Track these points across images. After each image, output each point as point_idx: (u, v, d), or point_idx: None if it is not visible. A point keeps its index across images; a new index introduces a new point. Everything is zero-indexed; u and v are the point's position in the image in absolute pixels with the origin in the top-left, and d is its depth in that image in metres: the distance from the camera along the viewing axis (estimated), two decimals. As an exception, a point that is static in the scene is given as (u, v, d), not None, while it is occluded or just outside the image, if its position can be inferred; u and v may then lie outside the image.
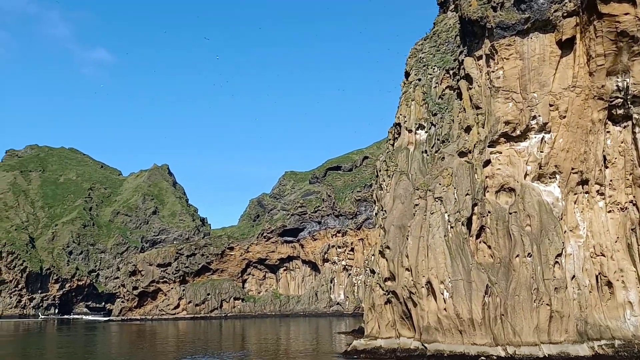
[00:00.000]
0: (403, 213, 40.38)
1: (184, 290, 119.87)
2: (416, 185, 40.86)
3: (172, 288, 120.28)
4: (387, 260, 39.75)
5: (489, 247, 36.84)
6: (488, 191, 38.32)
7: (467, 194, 36.93)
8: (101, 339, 77.63)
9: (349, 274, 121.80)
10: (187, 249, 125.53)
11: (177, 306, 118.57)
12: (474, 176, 37.66)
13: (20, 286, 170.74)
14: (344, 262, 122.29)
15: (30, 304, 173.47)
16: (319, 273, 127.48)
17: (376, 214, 66.38)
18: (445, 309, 33.82)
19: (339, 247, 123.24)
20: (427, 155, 43.02)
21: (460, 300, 33.39)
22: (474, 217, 37.18)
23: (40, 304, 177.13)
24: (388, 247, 39.96)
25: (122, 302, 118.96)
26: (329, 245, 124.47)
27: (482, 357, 30.80)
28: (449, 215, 36.19)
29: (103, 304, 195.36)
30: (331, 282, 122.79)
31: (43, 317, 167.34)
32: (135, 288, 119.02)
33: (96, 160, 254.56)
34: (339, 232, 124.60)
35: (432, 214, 36.41)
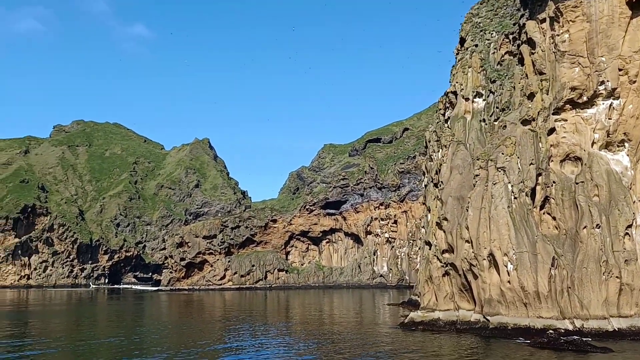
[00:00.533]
0: (461, 184, 39.36)
1: (229, 261, 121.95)
2: (475, 155, 39.65)
3: (217, 259, 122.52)
4: (444, 232, 38.97)
5: (554, 218, 35.58)
6: (552, 160, 36.85)
7: (531, 164, 35.59)
8: (152, 307, 79.89)
9: (392, 247, 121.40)
10: (231, 221, 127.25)
11: (223, 277, 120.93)
12: (538, 145, 36.22)
13: (71, 257, 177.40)
14: (387, 235, 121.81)
15: (81, 274, 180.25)
16: (361, 245, 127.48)
17: (425, 185, 65.28)
18: (509, 282, 32.98)
19: (382, 219, 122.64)
20: (486, 124, 41.60)
21: (525, 273, 32.46)
22: (538, 188, 35.89)
23: (91, 274, 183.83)
24: (446, 219, 39.13)
25: (171, 272, 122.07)
26: (371, 217, 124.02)
27: (550, 331, 29.95)
28: (512, 186, 34.99)
29: (150, 274, 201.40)
30: (374, 254, 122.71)
31: (94, 286, 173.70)
32: (182, 259, 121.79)
33: (139, 135, 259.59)
34: (381, 204, 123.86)
35: (494, 184, 35.29)
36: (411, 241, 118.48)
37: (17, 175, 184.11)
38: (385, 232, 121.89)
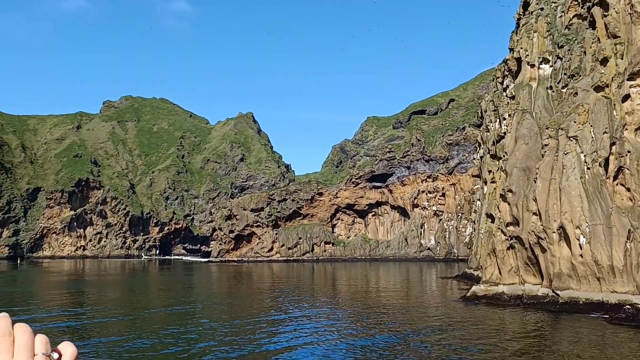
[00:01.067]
0: (527, 154, 37.93)
1: (276, 234, 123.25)
2: (543, 124, 38.05)
3: (265, 232, 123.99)
4: (509, 204, 37.79)
5: (628, 189, 33.88)
6: (626, 129, 34.94)
7: (605, 132, 33.85)
8: (203, 277, 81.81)
9: (440, 220, 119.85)
10: (278, 194, 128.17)
11: (271, 249, 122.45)
12: (612, 113, 34.36)
13: (124, 229, 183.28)
14: (434, 208, 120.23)
15: (133, 245, 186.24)
16: (407, 218, 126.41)
17: (481, 157, 63.63)
18: (581, 255, 31.75)
19: (429, 192, 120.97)
20: (553, 91, 39.77)
21: (599, 246, 31.16)
22: (611, 158, 34.17)
23: (143, 245, 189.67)
24: (511, 191, 37.89)
25: (220, 244, 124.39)
26: (418, 190, 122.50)
27: (627, 306, 28.75)
28: (585, 156, 33.42)
29: (198, 245, 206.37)
30: (421, 227, 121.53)
31: (146, 257, 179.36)
32: (231, 231, 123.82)
33: (185, 110, 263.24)
34: (429, 177, 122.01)
35: (565, 154, 33.77)
36: (460, 214, 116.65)
37: (71, 150, 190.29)
38: (433, 205, 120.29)
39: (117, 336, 27.26)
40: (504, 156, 39.83)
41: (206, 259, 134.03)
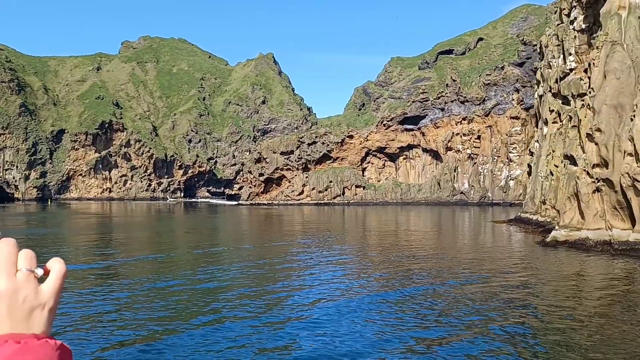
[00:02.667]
0: (619, 90, 34.82)
1: (307, 177, 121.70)
2: (637, 56, 34.73)
3: (295, 175, 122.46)
4: (597, 144, 35.06)
5: None
6: None
7: None
8: (234, 219, 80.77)
9: (474, 163, 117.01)
10: (308, 137, 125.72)
11: (301, 192, 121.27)
12: None
13: (148, 171, 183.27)
14: (469, 151, 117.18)
15: (158, 188, 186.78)
16: (440, 162, 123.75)
17: (541, 95, 60.21)
18: (686, 199, 29.36)
19: (464, 134, 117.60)
20: (647, 21, 36.13)
21: None
22: None
23: (168, 188, 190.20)
24: (599, 130, 35.06)
25: (250, 187, 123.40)
26: (452, 133, 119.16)
27: None
28: (695, 91, 30.39)
29: (222, 188, 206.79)
30: (454, 170, 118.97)
31: (172, 200, 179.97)
32: (261, 175, 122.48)
33: (204, 51, 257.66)
34: (464, 119, 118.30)
35: (671, 89, 30.77)
36: (495, 157, 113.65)
37: (93, 92, 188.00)
38: (467, 148, 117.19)
39: (148, 279, 26.18)
40: (589, 92, 36.73)
41: (235, 202, 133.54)
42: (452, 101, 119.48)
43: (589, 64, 36.66)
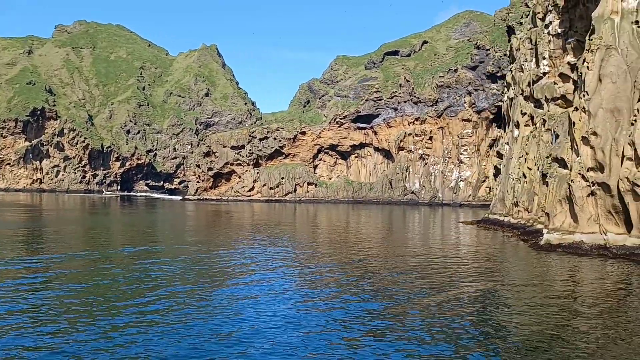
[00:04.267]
0: (615, 94, 34.86)
1: (258, 173, 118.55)
2: (631, 61, 34.88)
3: (246, 170, 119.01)
4: (593, 148, 34.96)
5: None
6: None
7: None
8: (186, 215, 77.00)
9: (426, 163, 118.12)
10: (259, 132, 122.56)
11: (252, 188, 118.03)
12: None
13: (83, 162, 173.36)
14: (420, 151, 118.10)
15: (94, 180, 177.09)
16: (391, 161, 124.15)
17: (511, 98, 60.64)
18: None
19: (416, 135, 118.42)
20: (639, 27, 36.44)
21: None
22: None
23: (103, 181, 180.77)
24: (595, 134, 34.98)
25: (198, 182, 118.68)
26: (405, 133, 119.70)
27: None
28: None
29: (161, 182, 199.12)
30: (406, 170, 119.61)
31: (108, 192, 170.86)
32: (210, 169, 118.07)
33: (143, 39, 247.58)
34: (416, 119, 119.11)
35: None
36: (447, 158, 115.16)
37: (23, 77, 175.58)
38: (419, 148, 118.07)
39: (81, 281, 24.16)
40: (583, 96, 36.62)
41: (180, 197, 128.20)
42: (405, 101, 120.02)
43: (586, 67, 36.50)
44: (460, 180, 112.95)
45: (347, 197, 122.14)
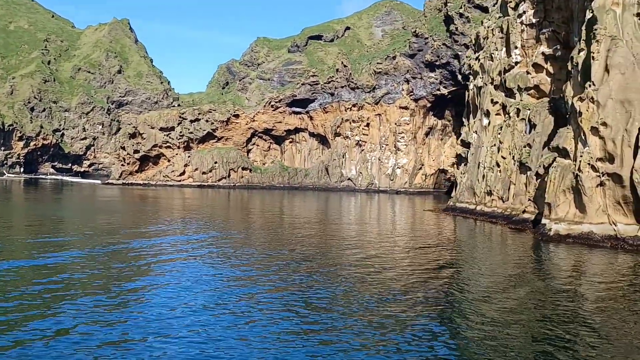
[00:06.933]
0: (624, 85, 34.95)
1: (189, 156, 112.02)
2: (637, 53, 35.12)
3: (176, 154, 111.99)
4: (603, 138, 34.91)
5: None
6: None
7: None
8: (107, 201, 70.73)
9: (362, 150, 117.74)
10: (190, 113, 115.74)
11: (183, 173, 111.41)
12: None
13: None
14: (357, 137, 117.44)
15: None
16: (326, 147, 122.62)
17: (480, 87, 60.55)
18: None
19: (353, 121, 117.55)
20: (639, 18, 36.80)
21: None
22: None
23: (4, 162, 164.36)
24: (605, 124, 34.92)
25: (122, 165, 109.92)
26: (342, 118, 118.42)
27: None
28: None
29: (70, 165, 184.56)
30: (343, 157, 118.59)
31: (10, 175, 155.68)
32: (136, 152, 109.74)
33: (46, 9, 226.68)
34: (354, 105, 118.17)
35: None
36: (384, 145, 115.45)
37: None
38: (356, 134, 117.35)
39: None
40: (589, 86, 36.45)
41: (104, 182, 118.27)
42: (342, 87, 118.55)
43: (592, 57, 36.29)
44: (397, 168, 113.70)
45: (283, 183, 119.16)
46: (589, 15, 39.28)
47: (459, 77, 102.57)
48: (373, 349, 13.86)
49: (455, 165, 65.53)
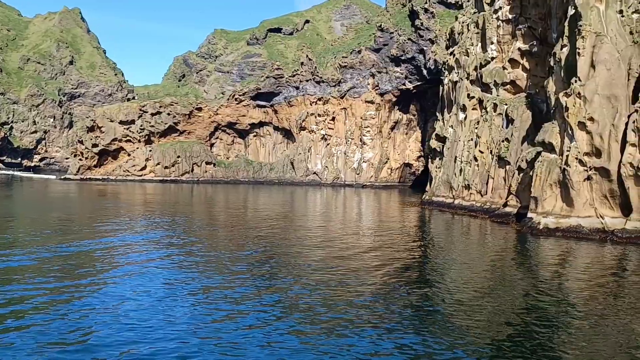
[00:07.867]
0: (610, 81, 35.55)
1: (150, 150, 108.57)
2: (621, 49, 35.78)
3: (137, 148, 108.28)
4: (590, 133, 35.41)
5: None
6: None
7: None
8: (64, 197, 67.80)
9: (328, 144, 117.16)
10: (151, 106, 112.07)
11: (144, 167, 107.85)
12: None
13: None
14: (322, 132, 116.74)
15: None
16: (291, 141, 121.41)
17: (456, 82, 60.80)
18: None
19: (319, 115, 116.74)
20: (623, 16, 37.52)
21: None
22: None
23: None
24: (592, 119, 35.43)
25: (80, 160, 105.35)
26: (307, 112, 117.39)
27: None
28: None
29: (19, 159, 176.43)
30: (308, 151, 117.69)
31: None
32: (95, 145, 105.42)
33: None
34: (319, 99, 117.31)
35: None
36: (349, 139, 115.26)
37: None
38: (322, 128, 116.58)
39: None
40: (575, 81, 36.91)
41: (60, 177, 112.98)
42: (307, 80, 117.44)
43: (577, 53, 36.74)
44: (363, 162, 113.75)
45: (248, 178, 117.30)
46: (571, 11, 39.77)
47: (424, 72, 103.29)
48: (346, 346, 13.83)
49: (419, 159, 65.70)
